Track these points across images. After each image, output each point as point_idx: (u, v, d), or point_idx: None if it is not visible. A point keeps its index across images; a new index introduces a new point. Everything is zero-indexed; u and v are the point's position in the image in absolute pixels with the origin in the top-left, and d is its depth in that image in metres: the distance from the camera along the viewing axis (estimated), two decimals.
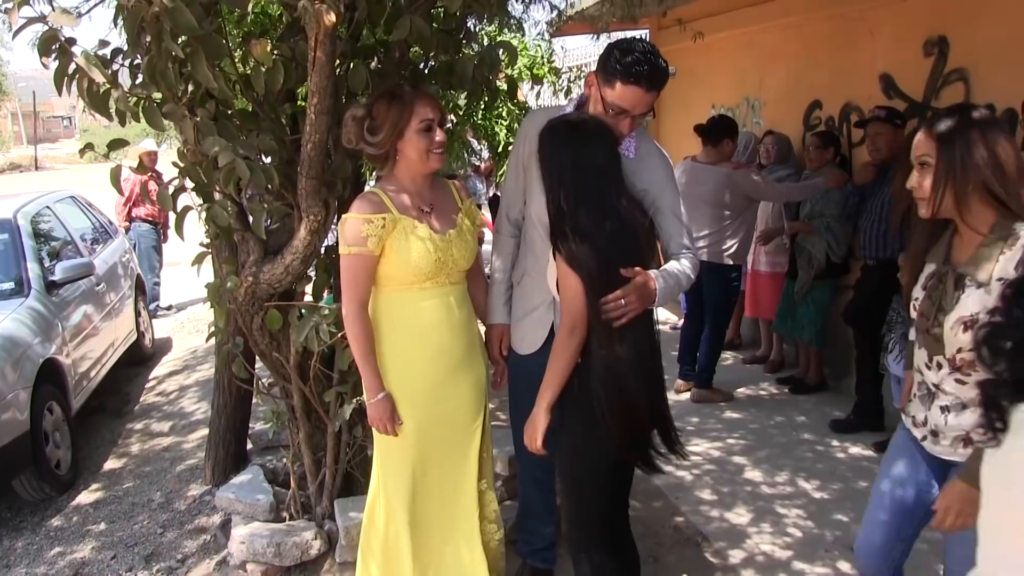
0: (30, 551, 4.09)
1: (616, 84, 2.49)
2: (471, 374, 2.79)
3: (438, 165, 2.61)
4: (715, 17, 6.65)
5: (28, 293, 5.07)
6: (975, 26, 4.30)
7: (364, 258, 2.55)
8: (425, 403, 2.67)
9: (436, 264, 2.59)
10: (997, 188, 2.00)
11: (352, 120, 2.61)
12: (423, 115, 2.53)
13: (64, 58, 2.59)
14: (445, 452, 2.74)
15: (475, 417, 2.81)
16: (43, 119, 46.82)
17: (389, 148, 2.58)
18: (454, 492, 2.76)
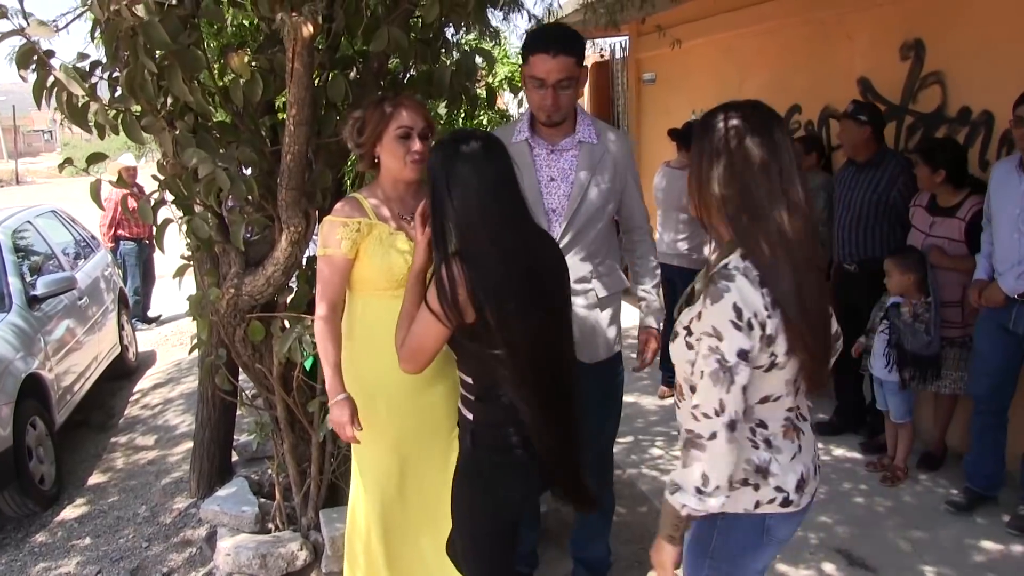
0: (14, 568, 4.06)
1: (529, 59, 2.68)
2: (449, 379, 2.79)
3: (413, 175, 2.56)
4: (694, 23, 6.70)
5: (9, 308, 5.04)
6: (951, 30, 4.34)
7: (336, 260, 2.54)
8: (402, 409, 2.66)
9: (406, 272, 2.59)
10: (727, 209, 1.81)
11: (351, 120, 2.61)
12: (400, 122, 2.51)
13: (42, 71, 2.59)
14: (424, 458, 2.73)
15: (454, 423, 2.81)
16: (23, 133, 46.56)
17: (368, 151, 2.58)
18: (435, 499, 2.76)
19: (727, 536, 1.95)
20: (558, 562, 3.46)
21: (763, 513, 1.91)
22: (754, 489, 1.89)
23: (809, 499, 1.95)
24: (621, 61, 8.89)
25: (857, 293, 4.58)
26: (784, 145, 1.79)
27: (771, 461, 1.88)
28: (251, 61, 2.88)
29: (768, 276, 1.74)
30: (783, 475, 1.89)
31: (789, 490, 1.89)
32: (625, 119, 8.79)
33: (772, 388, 1.83)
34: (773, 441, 1.89)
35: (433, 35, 3.21)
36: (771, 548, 2.00)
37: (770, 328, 1.73)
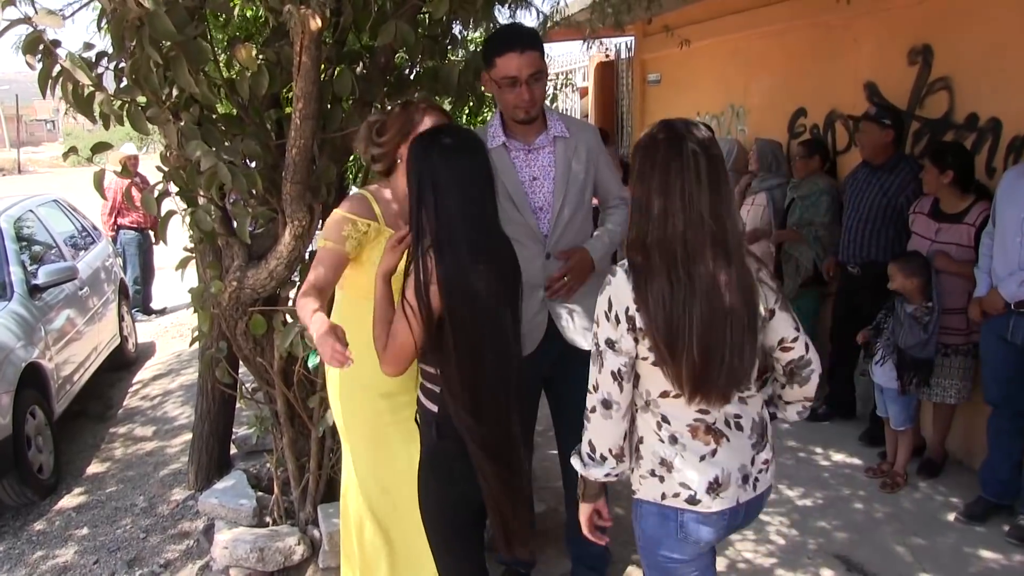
0: (12, 555, 4.06)
1: (495, 62, 2.70)
2: None
3: None
4: (700, 24, 6.68)
5: (10, 297, 5.03)
6: (960, 35, 4.33)
7: (336, 255, 2.50)
8: (393, 407, 2.65)
9: None
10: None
11: (366, 126, 2.59)
12: (429, 124, 2.50)
13: (49, 60, 2.58)
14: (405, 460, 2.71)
15: None
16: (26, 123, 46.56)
17: (392, 149, 2.56)
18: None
19: (642, 524, 2.07)
20: (556, 562, 3.45)
21: (673, 507, 1.98)
22: (659, 481, 1.99)
23: (730, 505, 1.98)
24: (626, 61, 8.89)
25: (860, 296, 4.60)
26: (691, 167, 1.84)
27: (675, 456, 1.96)
28: (258, 54, 2.87)
29: (639, 279, 1.86)
30: (688, 472, 1.95)
31: (696, 489, 1.95)
32: (629, 120, 8.78)
33: (668, 384, 1.91)
34: (679, 439, 1.96)
35: (441, 31, 3.21)
36: (688, 547, 2.02)
37: (639, 321, 1.87)
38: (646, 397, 1.98)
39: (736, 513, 2.01)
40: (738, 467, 1.99)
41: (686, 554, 2.04)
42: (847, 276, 4.78)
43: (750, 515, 2.08)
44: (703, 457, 1.95)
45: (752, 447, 2.02)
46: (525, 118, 2.77)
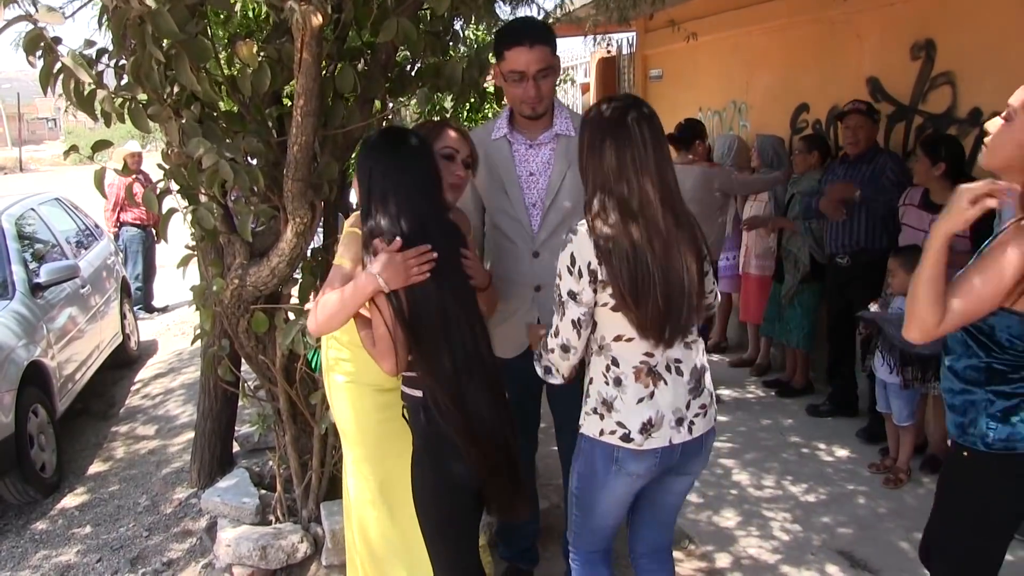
0: (15, 554, 4.06)
1: (504, 55, 2.68)
2: None
3: (453, 199, 2.53)
4: (702, 20, 6.66)
5: (12, 295, 5.03)
6: (962, 30, 4.32)
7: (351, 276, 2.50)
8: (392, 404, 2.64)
9: None
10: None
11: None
12: (447, 142, 2.51)
13: (50, 57, 2.57)
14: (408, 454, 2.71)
15: None
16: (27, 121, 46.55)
17: None
18: None
19: (587, 456, 2.29)
20: (559, 559, 3.44)
21: (609, 443, 2.21)
22: (600, 418, 2.23)
23: (665, 445, 2.20)
24: (628, 57, 8.86)
25: (851, 288, 4.62)
26: (638, 138, 2.09)
27: (616, 398, 2.20)
28: (259, 51, 2.86)
29: (599, 238, 2.08)
30: (625, 413, 2.19)
31: (631, 428, 2.18)
32: None
33: (622, 328, 2.16)
34: (623, 380, 2.19)
35: (443, 28, 3.20)
36: (623, 479, 2.25)
37: (602, 274, 2.09)
38: (600, 342, 2.22)
39: (669, 453, 2.23)
40: (672, 410, 2.21)
41: (622, 489, 2.28)
42: (837, 269, 4.80)
43: (688, 457, 2.28)
44: (640, 400, 2.19)
45: (689, 392, 2.24)
46: (531, 114, 2.75)
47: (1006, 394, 2.10)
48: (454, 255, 2.28)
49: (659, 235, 2.09)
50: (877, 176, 4.45)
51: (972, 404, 2.15)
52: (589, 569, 2.51)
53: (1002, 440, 2.09)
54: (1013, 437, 2.08)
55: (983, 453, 2.12)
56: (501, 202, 2.86)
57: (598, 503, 2.33)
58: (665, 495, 2.42)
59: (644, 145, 2.09)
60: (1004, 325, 2.06)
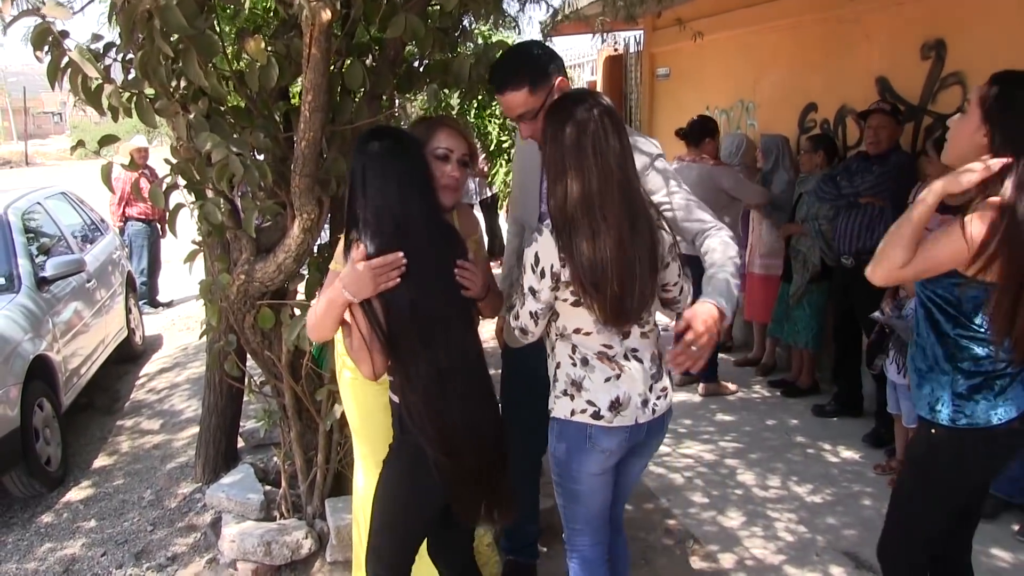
0: (20, 547, 4.06)
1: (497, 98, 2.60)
2: None
3: (448, 201, 2.48)
4: (710, 18, 6.64)
5: (18, 289, 5.03)
6: (973, 29, 4.30)
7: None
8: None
9: None
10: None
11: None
12: (442, 142, 2.45)
13: (57, 52, 2.56)
14: None
15: None
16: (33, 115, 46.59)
17: None
18: None
19: (561, 439, 2.37)
20: (561, 557, 3.43)
21: (581, 422, 2.30)
22: (570, 399, 2.32)
23: (631, 424, 2.31)
24: (635, 55, 8.84)
25: (855, 289, 4.61)
26: (599, 124, 2.16)
27: (585, 378, 2.30)
28: (267, 46, 2.86)
29: (563, 237, 2.15)
30: (594, 391, 2.29)
31: (600, 406, 2.28)
32: (638, 114, 8.74)
33: (581, 323, 2.27)
34: (589, 360, 2.30)
35: (452, 24, 3.19)
36: (596, 455, 2.34)
37: (564, 276, 2.18)
38: (562, 331, 2.32)
39: (636, 431, 2.34)
40: (637, 392, 2.31)
41: (596, 464, 2.35)
42: (842, 270, 4.80)
43: (652, 434, 2.41)
44: (608, 379, 2.29)
45: (651, 377, 2.35)
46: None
47: (970, 372, 2.22)
48: (441, 259, 2.24)
49: (617, 224, 2.14)
50: (891, 175, 4.42)
51: (939, 382, 2.26)
52: (587, 570, 2.53)
53: (967, 417, 2.21)
54: (977, 414, 2.20)
55: (949, 429, 2.24)
56: (524, 200, 2.88)
57: (579, 484, 2.40)
58: (626, 476, 2.54)
59: (605, 134, 2.16)
60: (970, 296, 2.18)
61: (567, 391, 2.33)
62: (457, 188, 2.53)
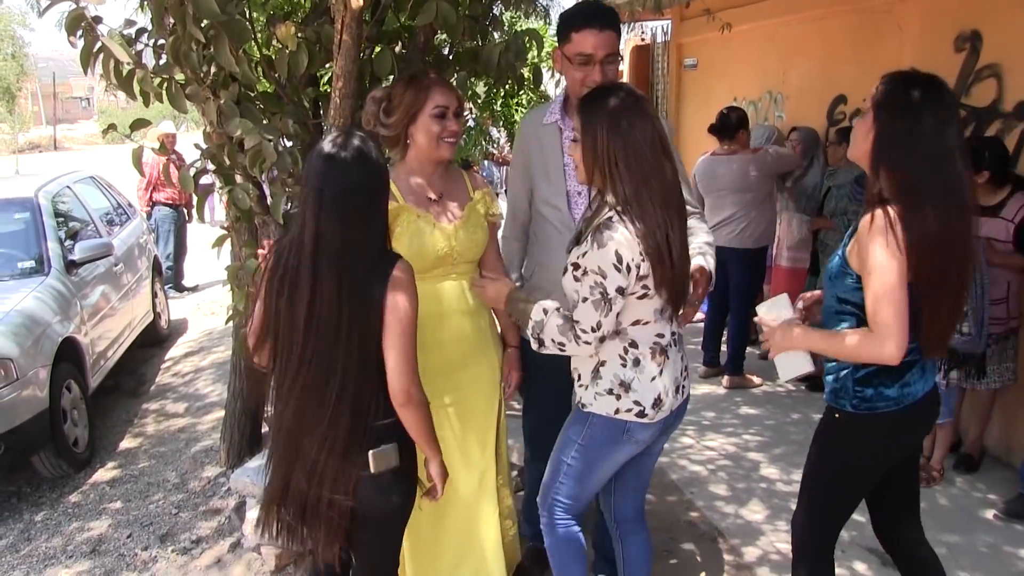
0: (49, 525, 4.12)
1: (572, 36, 2.61)
2: (484, 361, 2.77)
3: (448, 154, 2.58)
4: (738, 9, 6.58)
5: (48, 272, 5.09)
6: (1010, 20, 4.22)
7: None
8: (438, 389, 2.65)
9: (437, 255, 2.56)
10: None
11: (371, 100, 2.59)
12: (437, 101, 2.51)
13: (90, 37, 2.58)
14: (462, 440, 2.72)
15: (492, 405, 2.80)
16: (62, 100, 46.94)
17: (401, 131, 2.55)
18: (478, 483, 2.75)
19: (595, 431, 2.42)
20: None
21: (623, 419, 2.36)
22: (616, 399, 2.36)
23: (668, 414, 2.41)
24: (662, 45, 8.78)
25: None
26: (653, 123, 2.25)
27: (634, 379, 2.34)
28: (297, 32, 2.86)
29: (643, 228, 2.19)
30: (642, 392, 2.34)
31: (645, 405, 2.35)
32: (665, 104, 8.69)
33: (643, 314, 2.32)
34: (641, 361, 2.34)
35: (482, 12, 3.18)
36: (630, 446, 2.43)
37: (643, 269, 2.22)
38: (617, 327, 2.33)
39: (670, 418, 2.45)
40: (672, 380, 2.40)
41: (626, 454, 2.45)
42: None
43: (677, 416, 2.50)
44: (653, 378, 2.35)
45: (681, 359, 2.46)
46: None
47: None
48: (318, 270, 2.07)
49: (677, 218, 2.27)
50: None
51: (842, 370, 2.32)
52: (565, 532, 2.58)
53: (867, 402, 2.29)
54: (875, 399, 2.28)
55: (851, 415, 2.32)
56: (543, 188, 2.83)
57: (597, 471, 2.48)
58: (647, 458, 2.61)
59: (662, 136, 2.26)
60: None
61: (613, 390, 2.36)
62: (456, 141, 2.61)
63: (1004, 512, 3.74)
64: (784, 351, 2.36)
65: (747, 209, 5.34)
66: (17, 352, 4.25)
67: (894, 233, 2.06)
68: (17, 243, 5.33)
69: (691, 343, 5.83)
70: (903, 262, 2.07)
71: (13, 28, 26.89)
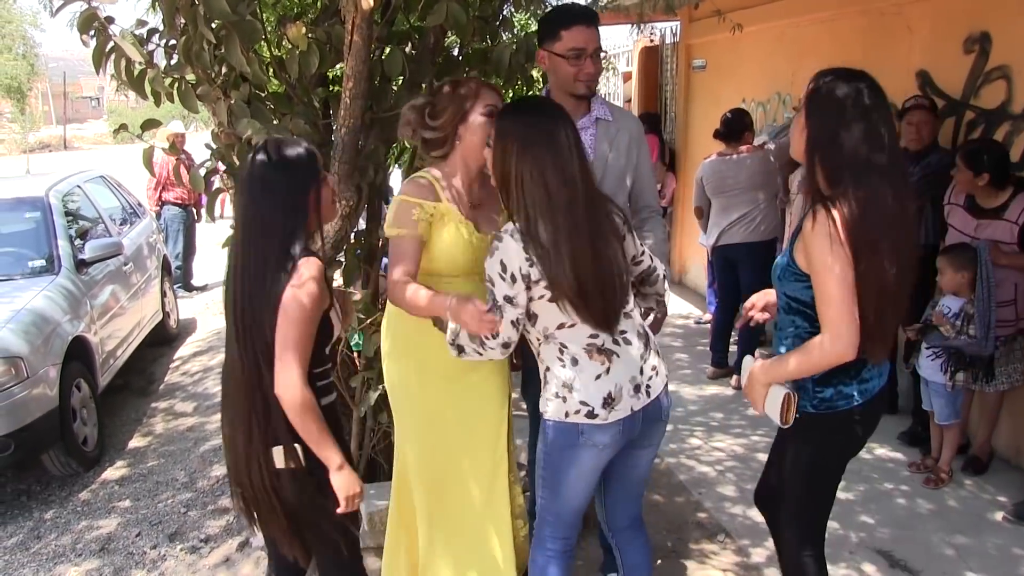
0: (59, 523, 4.14)
1: (562, 34, 2.71)
2: (493, 363, 2.77)
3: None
4: (748, 10, 6.57)
5: (58, 271, 5.11)
6: (1020, 22, 4.20)
7: (414, 240, 2.50)
8: (448, 389, 2.66)
9: (471, 262, 2.56)
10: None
11: (411, 109, 2.57)
12: (488, 100, 2.52)
13: (102, 37, 2.60)
14: (472, 441, 2.72)
15: (501, 405, 2.81)
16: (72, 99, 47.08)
17: (450, 131, 2.55)
18: (489, 483, 2.75)
19: (553, 437, 2.36)
20: (595, 547, 3.44)
21: (575, 422, 2.30)
22: (563, 401, 2.30)
23: (626, 415, 2.31)
24: (671, 46, 8.77)
25: None
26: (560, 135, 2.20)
27: (575, 379, 2.28)
28: (308, 33, 2.87)
29: (527, 236, 2.17)
30: (586, 391, 2.27)
31: (593, 405, 2.27)
32: (673, 105, 8.68)
33: (562, 317, 2.25)
34: (579, 360, 2.28)
35: (492, 12, 3.18)
36: (589, 450, 2.33)
37: (535, 275, 2.18)
38: (545, 332, 2.30)
39: (631, 421, 2.33)
40: (629, 379, 2.31)
41: (589, 460, 2.35)
42: None
43: (649, 424, 2.40)
44: (598, 376, 2.28)
45: (640, 357, 2.35)
46: (586, 92, 2.78)
47: None
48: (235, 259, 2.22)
49: (585, 227, 2.19)
50: (932, 178, 4.36)
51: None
52: (544, 563, 2.53)
53: (827, 402, 2.31)
54: (835, 398, 2.31)
55: (812, 415, 2.32)
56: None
57: (566, 479, 2.40)
58: (631, 470, 2.53)
59: (569, 148, 2.20)
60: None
61: (559, 393, 2.32)
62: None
63: (1013, 514, 3.73)
64: (763, 397, 2.33)
65: (759, 206, 5.40)
66: (27, 350, 4.27)
67: (836, 230, 2.08)
68: (28, 242, 5.36)
69: (700, 344, 5.85)
70: (848, 258, 2.09)
71: (24, 28, 26.98)
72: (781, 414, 2.28)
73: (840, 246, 2.08)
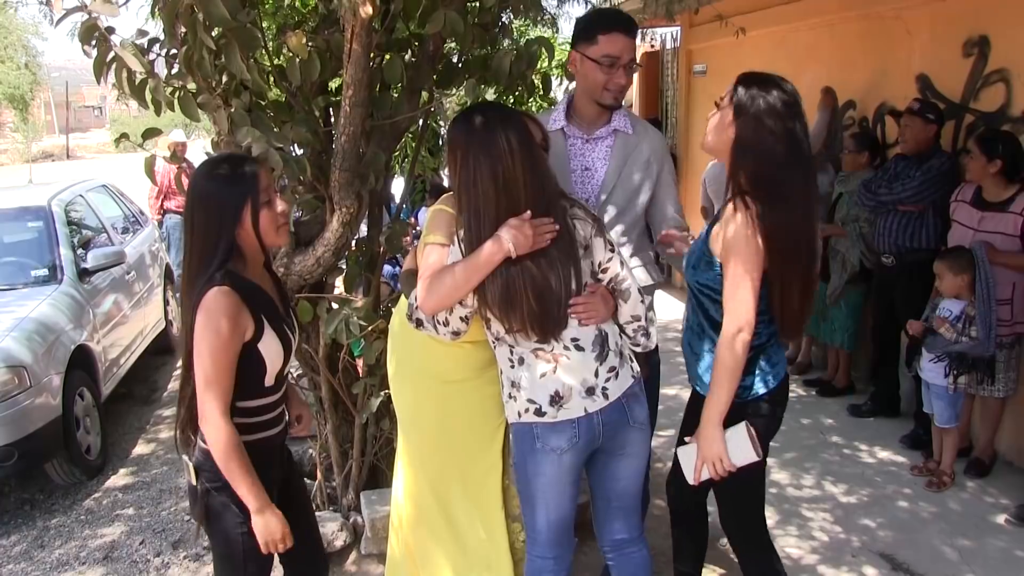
0: (63, 532, 4.15)
1: (599, 38, 2.64)
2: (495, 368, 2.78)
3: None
4: (748, 15, 6.57)
5: (61, 280, 5.12)
6: (1019, 25, 4.21)
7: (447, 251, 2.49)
8: (448, 394, 2.66)
9: None
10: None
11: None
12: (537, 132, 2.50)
13: (103, 46, 2.61)
14: (469, 445, 2.73)
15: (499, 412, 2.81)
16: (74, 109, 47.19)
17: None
18: (481, 486, 2.76)
19: (515, 442, 2.40)
20: (595, 553, 3.43)
21: (527, 422, 2.30)
22: (514, 401, 2.32)
23: (578, 415, 2.28)
24: (672, 52, 8.78)
25: (896, 289, 4.57)
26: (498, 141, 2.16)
27: (521, 377, 2.29)
28: (308, 41, 2.88)
29: (467, 245, 2.20)
30: (532, 389, 2.28)
31: (541, 403, 2.27)
32: (674, 111, 8.69)
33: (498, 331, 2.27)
34: (525, 359, 2.29)
35: (491, 20, 3.19)
36: (547, 455, 2.31)
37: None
38: (496, 335, 2.31)
39: (587, 423, 2.30)
40: (579, 381, 2.28)
41: (550, 467, 2.32)
42: (882, 269, 4.76)
43: (613, 429, 2.34)
44: (543, 374, 2.27)
45: (595, 360, 2.30)
46: (612, 103, 2.73)
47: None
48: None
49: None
50: (931, 182, 4.38)
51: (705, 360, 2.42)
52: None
53: (748, 390, 2.37)
54: (754, 384, 2.37)
55: (737, 404, 2.33)
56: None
57: (536, 489, 2.38)
58: (612, 482, 2.47)
59: (511, 156, 2.16)
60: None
61: (511, 394, 2.34)
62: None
63: (1016, 517, 3.73)
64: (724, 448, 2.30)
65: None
66: (31, 359, 4.28)
67: (753, 222, 2.18)
68: (31, 251, 5.37)
69: None
70: (760, 250, 2.18)
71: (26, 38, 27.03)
72: (754, 448, 2.29)
73: (755, 237, 2.17)
